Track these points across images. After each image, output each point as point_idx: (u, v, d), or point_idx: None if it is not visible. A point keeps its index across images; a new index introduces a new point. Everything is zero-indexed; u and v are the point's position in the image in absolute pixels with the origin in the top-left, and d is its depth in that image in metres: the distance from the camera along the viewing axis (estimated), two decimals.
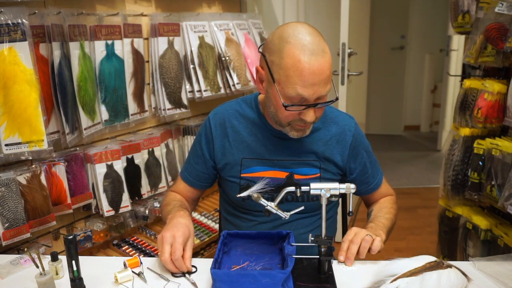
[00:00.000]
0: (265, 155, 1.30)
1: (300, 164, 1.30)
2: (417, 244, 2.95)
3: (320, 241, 1.09)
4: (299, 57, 1.07)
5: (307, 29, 1.11)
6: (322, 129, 1.32)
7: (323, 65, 1.08)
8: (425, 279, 0.99)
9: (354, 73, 2.81)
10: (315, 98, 1.12)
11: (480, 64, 1.90)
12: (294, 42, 1.08)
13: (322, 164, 1.31)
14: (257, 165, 1.30)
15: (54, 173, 1.59)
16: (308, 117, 1.14)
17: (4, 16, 1.34)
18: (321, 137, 1.31)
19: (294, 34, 1.10)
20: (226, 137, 1.33)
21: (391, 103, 5.55)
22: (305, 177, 1.30)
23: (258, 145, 1.30)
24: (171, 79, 2.00)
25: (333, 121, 1.33)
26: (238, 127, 1.32)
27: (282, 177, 1.30)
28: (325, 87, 1.11)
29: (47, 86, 1.52)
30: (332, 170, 1.32)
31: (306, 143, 1.30)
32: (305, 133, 1.23)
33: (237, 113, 1.34)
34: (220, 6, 2.39)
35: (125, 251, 1.88)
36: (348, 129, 1.33)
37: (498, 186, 1.65)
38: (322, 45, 1.09)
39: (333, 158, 1.31)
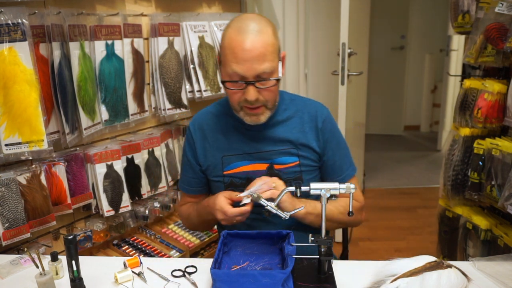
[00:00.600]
0: (243, 149, 1.33)
1: (278, 154, 1.32)
2: (417, 244, 2.95)
3: (320, 241, 1.09)
4: (233, 36, 1.17)
5: (250, 16, 1.21)
6: (295, 117, 1.35)
7: (255, 42, 1.14)
8: (425, 279, 0.99)
9: (354, 73, 2.81)
10: (254, 76, 1.17)
11: (480, 64, 1.90)
12: (232, 25, 1.20)
13: (299, 151, 1.33)
14: (237, 161, 1.34)
15: (54, 173, 1.59)
16: (248, 95, 1.19)
17: (4, 16, 1.34)
18: (295, 125, 1.34)
19: (236, 20, 1.21)
20: (205, 139, 1.38)
21: (391, 103, 5.55)
22: (284, 166, 1.32)
23: (236, 141, 1.34)
24: (171, 79, 2.00)
25: (306, 109, 1.37)
26: (215, 128, 1.38)
27: (263, 169, 1.32)
28: (260, 64, 1.15)
29: (47, 86, 1.52)
30: (310, 156, 1.34)
31: (281, 132, 1.33)
32: (259, 118, 1.25)
33: (213, 115, 1.40)
34: (220, 6, 2.39)
35: (125, 251, 1.89)
36: (319, 115, 1.36)
37: (498, 186, 1.65)
38: (259, 27, 1.16)
39: (309, 143, 1.33)
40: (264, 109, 1.25)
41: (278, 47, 1.22)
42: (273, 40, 1.18)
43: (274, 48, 1.18)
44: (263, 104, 1.23)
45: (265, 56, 1.15)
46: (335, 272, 1.11)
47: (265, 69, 1.16)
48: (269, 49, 1.16)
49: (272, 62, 1.17)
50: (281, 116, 1.34)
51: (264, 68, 1.16)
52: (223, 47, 1.20)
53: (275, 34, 1.20)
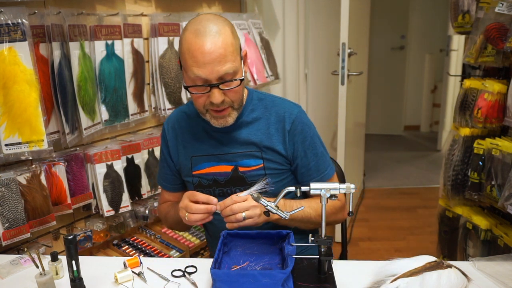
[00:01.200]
0: (210, 151, 1.33)
1: (242, 156, 1.31)
2: (417, 244, 2.95)
3: (320, 241, 1.09)
4: (191, 39, 1.13)
5: (206, 17, 1.17)
6: (262, 118, 1.32)
7: (214, 44, 1.11)
8: (425, 279, 0.99)
9: (354, 73, 2.81)
10: (217, 79, 1.14)
11: (480, 64, 1.90)
12: (189, 28, 1.15)
13: (264, 154, 1.30)
14: (205, 162, 1.33)
15: (54, 173, 1.59)
16: (213, 98, 1.16)
17: (4, 16, 1.34)
18: (260, 127, 1.31)
19: (192, 22, 1.17)
20: (177, 139, 1.38)
21: (391, 103, 5.55)
22: (249, 168, 1.30)
23: (204, 143, 1.33)
24: (171, 79, 2.00)
25: (274, 110, 1.33)
26: (186, 127, 1.37)
27: (228, 171, 1.31)
28: (221, 65, 1.12)
29: (47, 86, 1.52)
30: (275, 159, 1.31)
31: (245, 134, 1.31)
32: (227, 121, 1.23)
33: (185, 115, 1.39)
34: (220, 6, 2.40)
35: (125, 251, 1.89)
36: (288, 116, 1.31)
37: (498, 186, 1.65)
38: (217, 28, 1.13)
39: (274, 147, 1.30)
40: (230, 110, 1.22)
41: (239, 46, 1.19)
42: (232, 39, 1.15)
43: (234, 48, 1.15)
44: (230, 105, 1.21)
45: (225, 57, 1.13)
46: (335, 272, 1.11)
47: (227, 70, 1.13)
48: (229, 49, 1.13)
49: (234, 62, 1.15)
50: (247, 117, 1.32)
51: (226, 69, 1.13)
52: (182, 52, 1.16)
53: (234, 33, 1.18)
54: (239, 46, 1.20)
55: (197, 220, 1.18)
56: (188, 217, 1.18)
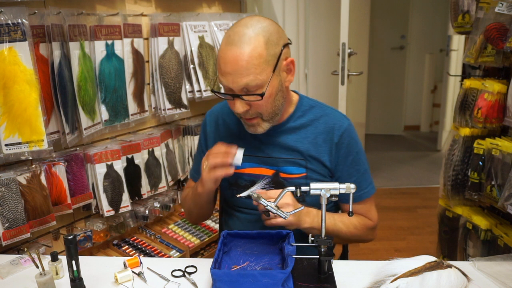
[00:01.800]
0: (253, 151, 1.31)
1: (285, 162, 1.29)
2: (417, 244, 2.95)
3: (320, 241, 1.09)
4: (222, 45, 1.13)
5: (245, 22, 1.13)
6: (310, 126, 1.30)
7: (237, 56, 1.09)
8: (425, 279, 0.99)
9: (354, 73, 2.81)
10: (241, 89, 1.13)
11: (480, 64, 1.90)
12: (227, 33, 1.15)
13: (308, 163, 1.28)
14: (245, 161, 1.29)
15: (54, 173, 1.59)
16: (235, 107, 1.16)
17: (4, 16, 1.34)
18: (307, 135, 1.29)
19: (232, 26, 1.16)
20: (218, 134, 1.38)
21: (391, 103, 5.55)
22: (290, 176, 1.29)
23: (246, 142, 1.31)
24: (171, 79, 2.00)
25: (323, 120, 1.30)
26: (230, 124, 1.36)
27: (269, 174, 1.29)
28: (242, 78, 1.10)
29: (47, 86, 1.51)
30: (319, 170, 1.29)
31: (291, 140, 1.29)
32: (256, 129, 1.22)
33: (230, 111, 1.36)
34: (220, 6, 2.39)
35: (125, 251, 1.88)
36: (337, 128, 1.29)
37: (498, 186, 1.65)
38: (248, 37, 1.10)
39: (320, 157, 1.28)
40: (260, 121, 1.20)
41: (273, 56, 1.13)
42: (262, 50, 1.10)
43: (262, 60, 1.10)
44: (258, 116, 1.19)
45: (248, 70, 1.09)
46: (335, 272, 1.11)
47: (248, 82, 1.10)
48: (253, 61, 1.09)
49: (259, 75, 1.10)
50: (294, 123, 1.30)
51: (248, 82, 1.10)
52: (217, 57, 1.16)
53: (269, 43, 1.11)
54: (275, 57, 1.14)
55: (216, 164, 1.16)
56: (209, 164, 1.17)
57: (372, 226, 1.38)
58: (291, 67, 1.21)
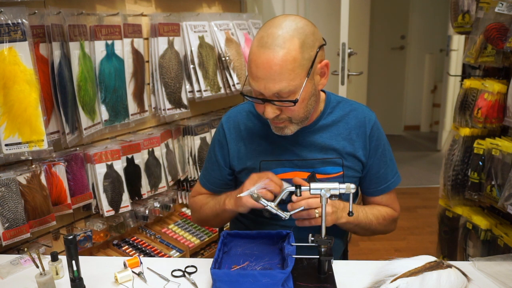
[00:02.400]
0: (284, 155, 1.25)
1: (321, 163, 1.24)
2: (417, 244, 2.95)
3: (320, 241, 1.09)
4: (253, 48, 1.07)
5: (279, 23, 1.06)
6: (341, 122, 1.26)
7: (271, 60, 1.02)
8: (425, 279, 0.99)
9: (354, 73, 2.81)
10: (272, 94, 1.07)
11: (480, 64, 1.90)
12: (259, 33, 1.08)
13: (345, 161, 1.25)
14: (277, 167, 1.25)
15: (54, 173, 1.59)
16: (266, 113, 1.10)
17: (4, 16, 1.34)
18: (340, 132, 1.25)
19: (264, 26, 1.09)
20: (241, 141, 1.29)
21: (391, 103, 5.55)
22: (327, 176, 1.25)
23: (276, 146, 1.25)
24: (171, 79, 2.00)
25: (353, 114, 1.28)
26: (253, 128, 1.28)
27: (304, 177, 1.24)
28: (275, 83, 1.04)
29: (47, 86, 1.52)
30: (354, 166, 1.26)
31: (325, 139, 1.24)
32: (284, 131, 1.16)
33: (251, 114, 1.30)
34: (220, 6, 2.39)
35: (125, 251, 1.89)
36: (368, 121, 1.27)
37: (498, 186, 1.65)
38: (282, 40, 1.03)
39: (356, 153, 1.25)
40: (288, 124, 1.15)
41: (308, 60, 1.07)
42: (297, 54, 1.04)
43: (297, 64, 1.04)
44: (287, 120, 1.14)
45: (281, 75, 1.03)
46: (335, 272, 1.11)
47: (281, 88, 1.05)
48: (288, 66, 1.03)
49: (292, 81, 1.05)
50: (325, 121, 1.25)
51: (281, 88, 1.05)
52: (248, 59, 1.10)
53: (304, 47, 1.05)
54: (310, 60, 1.08)
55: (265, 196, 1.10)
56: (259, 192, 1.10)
57: (396, 216, 1.38)
58: (325, 70, 1.17)
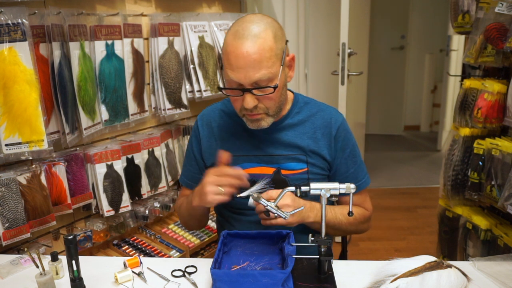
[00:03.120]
0: (251, 151, 1.31)
1: (286, 159, 1.30)
2: (417, 244, 2.95)
3: (320, 241, 1.09)
4: (230, 41, 1.12)
5: (251, 18, 1.14)
6: (307, 121, 1.32)
7: (249, 48, 1.09)
8: (425, 279, 0.99)
9: (354, 73, 2.81)
10: (251, 84, 1.12)
11: (480, 64, 1.91)
12: (232, 28, 1.14)
13: (309, 158, 1.30)
14: (244, 162, 1.31)
15: (54, 173, 1.59)
16: (245, 103, 1.14)
17: (4, 16, 1.34)
18: (306, 131, 1.31)
19: (236, 22, 1.15)
20: (212, 137, 1.36)
21: (391, 103, 5.55)
22: (292, 172, 1.29)
23: (244, 142, 1.31)
24: (171, 79, 2.00)
25: (320, 114, 1.33)
26: (224, 126, 1.35)
27: (270, 173, 1.30)
28: (255, 71, 1.10)
29: (47, 86, 1.52)
30: (320, 164, 1.31)
31: (291, 137, 1.30)
32: (261, 124, 1.21)
33: (222, 113, 1.37)
34: (220, 6, 2.40)
35: (125, 251, 1.88)
36: (334, 122, 1.32)
37: (498, 186, 1.65)
38: (257, 31, 1.10)
39: (320, 151, 1.30)
40: (265, 116, 1.20)
41: (281, 50, 1.15)
42: (272, 44, 1.11)
43: (273, 53, 1.11)
44: (264, 111, 1.19)
45: (260, 63, 1.10)
46: (335, 272, 1.11)
47: (261, 76, 1.11)
48: (265, 54, 1.10)
49: (270, 68, 1.11)
50: (292, 120, 1.31)
51: (260, 76, 1.11)
52: (222, 52, 1.15)
53: (277, 37, 1.13)
54: (282, 51, 1.15)
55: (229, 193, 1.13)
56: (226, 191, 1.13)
57: (368, 216, 1.39)
58: (292, 63, 1.24)
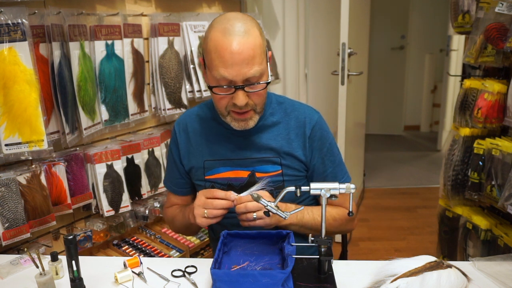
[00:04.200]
0: (226, 155, 1.30)
1: (260, 162, 1.28)
2: (417, 244, 2.95)
3: (320, 241, 1.09)
4: (219, 38, 1.09)
5: (234, 15, 1.14)
6: (281, 123, 1.30)
7: (243, 45, 1.08)
8: (425, 279, 0.99)
9: (354, 73, 2.81)
10: (243, 80, 1.11)
11: (480, 64, 1.91)
12: (217, 26, 1.12)
13: (283, 160, 1.28)
14: (219, 166, 1.30)
15: (54, 173, 1.59)
16: (237, 100, 1.13)
17: (4, 16, 1.34)
18: (280, 132, 1.29)
19: (219, 20, 1.13)
20: (189, 142, 1.35)
21: (391, 103, 5.55)
22: (266, 174, 1.28)
23: (219, 146, 1.30)
24: (171, 79, 2.00)
25: (294, 114, 1.31)
26: (199, 130, 1.34)
27: (244, 176, 1.29)
28: (249, 68, 1.09)
29: (47, 86, 1.52)
30: (295, 165, 1.29)
31: (265, 139, 1.28)
32: (248, 124, 1.20)
33: (198, 117, 1.36)
34: (220, 6, 2.40)
35: (125, 251, 1.89)
36: (308, 121, 1.29)
37: (498, 186, 1.65)
38: (246, 28, 1.10)
39: (294, 152, 1.28)
40: (253, 113, 1.20)
41: (265, 47, 1.16)
42: (260, 41, 1.12)
43: (262, 50, 1.12)
44: (252, 108, 1.18)
45: (254, 59, 1.09)
46: (335, 272, 1.11)
47: (254, 72, 1.10)
48: (257, 51, 1.10)
49: (261, 65, 1.12)
50: (266, 121, 1.29)
51: (254, 72, 1.10)
52: (208, 51, 1.12)
53: (262, 35, 1.14)
54: (266, 48, 1.17)
55: (217, 216, 1.16)
56: (208, 213, 1.15)
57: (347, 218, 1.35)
58: (270, 61, 1.23)
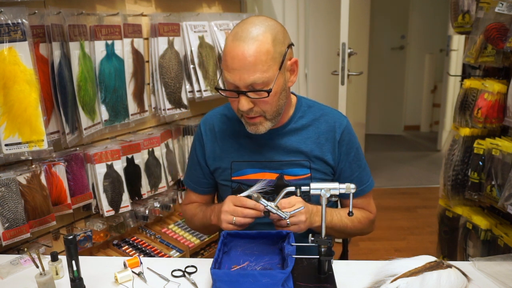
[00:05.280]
0: (254, 156, 1.30)
1: (289, 165, 1.29)
2: (417, 244, 2.96)
3: (320, 241, 1.09)
4: (228, 42, 1.12)
5: (252, 20, 1.14)
6: (311, 126, 1.30)
7: (246, 51, 1.08)
8: (425, 279, 0.99)
9: (354, 73, 2.81)
10: (246, 86, 1.11)
11: (480, 64, 1.91)
12: (233, 29, 1.14)
13: (312, 163, 1.29)
14: (247, 168, 1.30)
15: (54, 173, 1.59)
16: (240, 105, 1.14)
17: (4, 16, 1.34)
18: (310, 135, 1.29)
19: (239, 23, 1.15)
20: (216, 142, 1.35)
21: (391, 103, 5.55)
22: (295, 177, 1.29)
23: (247, 147, 1.30)
24: (171, 79, 2.00)
25: (323, 118, 1.31)
26: (227, 131, 1.34)
27: (273, 178, 1.29)
28: (249, 74, 1.09)
29: (47, 86, 1.52)
30: (323, 169, 1.30)
31: (295, 142, 1.29)
32: (258, 129, 1.20)
33: (225, 118, 1.36)
34: (220, 6, 2.39)
35: (125, 251, 1.88)
36: (338, 126, 1.30)
37: (498, 186, 1.65)
38: (256, 34, 1.09)
39: (324, 156, 1.29)
40: (262, 119, 1.19)
41: (280, 54, 1.13)
42: (270, 47, 1.10)
43: (269, 57, 1.10)
44: (261, 114, 1.18)
45: (255, 66, 1.08)
46: (335, 272, 1.11)
47: (255, 79, 1.10)
48: (261, 58, 1.08)
49: (265, 72, 1.10)
50: (296, 124, 1.30)
51: (255, 79, 1.09)
52: (223, 53, 1.15)
53: (276, 41, 1.11)
54: (281, 54, 1.14)
55: (245, 224, 1.17)
56: (236, 221, 1.15)
57: (372, 218, 1.41)
58: (294, 68, 1.21)
